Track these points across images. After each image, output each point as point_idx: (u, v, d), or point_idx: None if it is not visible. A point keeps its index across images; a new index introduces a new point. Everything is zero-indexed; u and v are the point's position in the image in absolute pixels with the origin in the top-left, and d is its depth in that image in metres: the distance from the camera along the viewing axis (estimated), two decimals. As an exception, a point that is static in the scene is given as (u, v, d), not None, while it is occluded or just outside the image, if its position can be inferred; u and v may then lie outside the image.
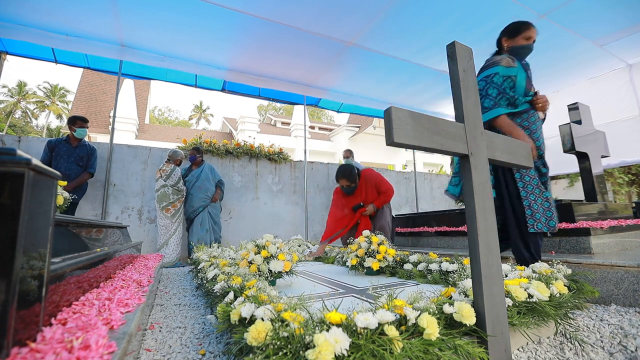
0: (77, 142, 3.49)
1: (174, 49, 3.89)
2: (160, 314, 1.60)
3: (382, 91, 5.20)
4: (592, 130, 3.18)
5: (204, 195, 4.09)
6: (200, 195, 4.07)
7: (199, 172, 4.18)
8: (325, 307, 0.85)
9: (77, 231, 1.41)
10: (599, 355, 1.02)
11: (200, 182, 4.11)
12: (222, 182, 4.38)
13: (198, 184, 4.09)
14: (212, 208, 4.17)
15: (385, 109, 0.81)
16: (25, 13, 3.16)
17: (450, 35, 3.56)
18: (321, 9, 3.20)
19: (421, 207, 6.75)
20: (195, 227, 4.01)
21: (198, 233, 3.99)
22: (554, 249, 2.31)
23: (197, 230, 4.00)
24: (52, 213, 0.66)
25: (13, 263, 0.52)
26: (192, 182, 4.11)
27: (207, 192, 4.13)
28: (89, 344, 0.59)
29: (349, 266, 2.30)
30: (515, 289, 1.10)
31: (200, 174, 4.17)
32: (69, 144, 3.44)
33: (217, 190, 4.28)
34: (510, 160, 1.12)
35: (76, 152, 3.46)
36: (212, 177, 4.27)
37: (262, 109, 37.86)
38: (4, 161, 0.53)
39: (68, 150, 3.42)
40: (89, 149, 3.57)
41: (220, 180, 4.37)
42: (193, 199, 4.04)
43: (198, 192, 4.07)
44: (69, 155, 3.41)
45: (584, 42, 3.84)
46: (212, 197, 4.18)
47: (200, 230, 4.00)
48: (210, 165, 4.36)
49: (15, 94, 28.70)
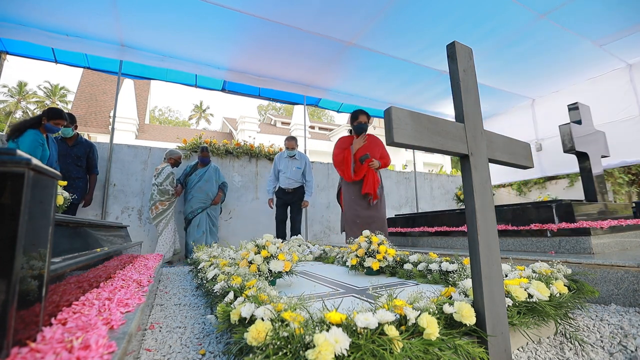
0: (73, 141, 3.28)
1: (174, 49, 3.89)
2: (160, 313, 1.60)
3: (382, 91, 5.20)
4: (592, 130, 3.18)
5: (204, 197, 4.02)
6: (201, 196, 4.01)
7: (203, 173, 4.09)
8: (325, 307, 0.85)
9: (77, 231, 1.41)
10: (599, 355, 1.02)
11: (202, 183, 4.04)
12: (225, 185, 4.32)
13: (200, 185, 4.03)
14: (211, 210, 4.12)
15: (385, 109, 0.81)
16: (25, 13, 3.16)
17: (450, 35, 3.56)
18: (321, 9, 3.20)
19: (421, 207, 6.75)
20: (192, 228, 3.94)
21: (194, 234, 3.91)
22: (554, 249, 2.31)
23: (193, 232, 3.93)
24: (52, 213, 0.66)
25: (13, 263, 0.52)
26: (194, 182, 4.04)
27: (208, 193, 4.06)
28: (89, 344, 0.59)
29: (349, 266, 2.30)
30: (515, 289, 1.10)
31: (204, 174, 4.09)
32: (64, 143, 3.23)
33: (219, 193, 4.19)
34: (511, 160, 1.12)
35: (73, 152, 3.26)
36: (216, 179, 4.19)
37: (262, 109, 37.85)
38: (4, 161, 0.53)
39: (64, 150, 3.18)
40: (86, 147, 3.36)
41: (224, 183, 4.32)
42: (193, 199, 3.98)
43: (198, 193, 4.00)
44: (66, 156, 3.19)
45: (584, 42, 3.84)
46: (214, 199, 4.10)
47: (196, 232, 3.92)
48: (216, 166, 4.28)
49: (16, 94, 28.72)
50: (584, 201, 2.77)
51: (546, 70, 4.55)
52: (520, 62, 4.26)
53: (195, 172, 4.11)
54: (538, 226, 2.43)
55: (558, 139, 3.13)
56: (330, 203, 5.81)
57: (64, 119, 2.79)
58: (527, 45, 3.84)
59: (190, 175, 4.10)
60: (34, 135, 2.58)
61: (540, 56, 4.14)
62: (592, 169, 2.97)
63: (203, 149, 4.17)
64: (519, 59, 4.17)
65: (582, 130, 3.06)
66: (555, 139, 5.20)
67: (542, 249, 2.39)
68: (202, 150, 4.16)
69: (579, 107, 3.16)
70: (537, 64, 4.38)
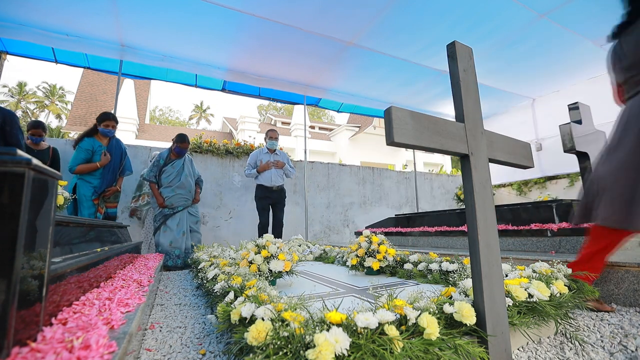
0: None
1: (174, 49, 3.89)
2: (160, 313, 1.60)
3: (382, 91, 5.20)
4: (592, 130, 3.17)
5: (186, 193, 3.55)
6: (183, 192, 3.53)
7: (181, 165, 3.56)
8: (325, 307, 0.85)
9: (77, 231, 1.41)
10: (599, 355, 1.02)
11: (184, 178, 3.54)
12: (201, 180, 3.86)
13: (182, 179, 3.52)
14: (192, 208, 3.66)
15: (386, 109, 0.81)
16: (25, 13, 3.16)
17: (450, 35, 3.55)
18: (321, 9, 3.19)
19: (421, 207, 6.75)
20: (171, 226, 3.43)
21: (172, 235, 3.39)
22: (554, 249, 2.31)
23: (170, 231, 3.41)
24: (52, 213, 0.66)
25: (13, 263, 0.52)
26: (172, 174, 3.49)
27: (190, 190, 3.59)
28: (90, 343, 0.59)
29: (349, 266, 2.30)
30: (515, 289, 1.10)
31: (183, 167, 3.56)
32: None
33: (197, 190, 3.75)
34: (511, 160, 1.12)
35: None
36: (193, 172, 3.71)
37: (262, 108, 37.85)
38: (4, 161, 0.53)
39: None
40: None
41: (200, 177, 3.85)
42: (174, 196, 3.45)
43: (181, 189, 3.51)
44: None
45: (584, 42, 3.84)
46: (194, 197, 3.67)
47: (176, 232, 3.42)
48: (189, 157, 3.79)
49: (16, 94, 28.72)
50: (584, 201, 2.77)
51: (546, 70, 4.55)
52: (520, 62, 4.26)
53: (172, 163, 3.52)
54: (538, 226, 2.43)
55: (558, 139, 3.12)
56: (330, 203, 5.82)
57: (111, 119, 3.10)
58: (527, 45, 3.84)
59: (165, 166, 3.51)
60: (85, 143, 2.99)
61: (540, 56, 4.14)
62: (593, 169, 2.97)
63: (185, 138, 3.54)
64: (519, 58, 4.17)
65: (583, 130, 3.05)
66: (555, 139, 5.20)
67: (543, 249, 2.39)
68: (183, 139, 3.52)
69: (579, 106, 3.15)
70: (537, 64, 4.38)
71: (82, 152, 2.96)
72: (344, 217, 5.93)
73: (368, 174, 6.40)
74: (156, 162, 3.51)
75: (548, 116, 5.46)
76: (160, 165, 3.50)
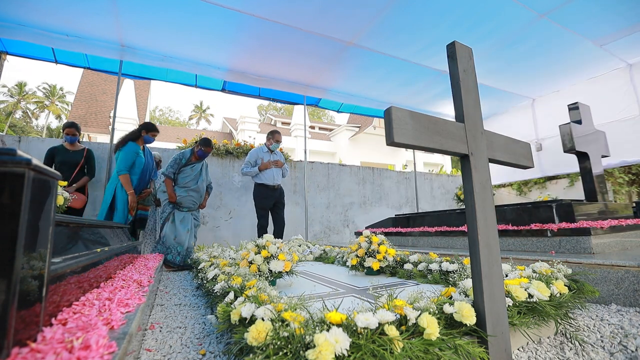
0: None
1: (174, 49, 3.89)
2: (160, 314, 1.60)
3: (382, 91, 5.20)
4: (592, 130, 3.18)
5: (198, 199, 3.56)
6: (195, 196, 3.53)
7: (200, 169, 3.57)
8: (325, 307, 0.85)
9: (77, 231, 1.41)
10: (599, 355, 1.02)
11: (201, 182, 3.56)
12: (211, 187, 3.86)
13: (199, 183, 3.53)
14: (195, 212, 3.65)
15: (386, 109, 0.81)
16: (25, 13, 3.16)
17: (450, 35, 3.55)
18: (321, 9, 3.20)
19: (421, 207, 6.75)
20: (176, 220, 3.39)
21: (179, 229, 3.35)
22: (554, 249, 2.31)
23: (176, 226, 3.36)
24: (52, 213, 0.66)
25: (13, 263, 0.52)
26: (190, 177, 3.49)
27: (201, 196, 3.60)
28: (89, 344, 0.59)
29: (349, 266, 2.30)
30: (515, 289, 1.10)
31: (201, 172, 3.58)
32: None
33: (206, 196, 3.74)
34: (511, 160, 1.12)
35: None
36: (207, 178, 3.72)
37: (262, 109, 37.85)
38: (4, 161, 0.53)
39: None
40: None
41: (211, 184, 3.84)
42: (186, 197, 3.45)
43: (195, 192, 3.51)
44: None
45: (584, 42, 3.84)
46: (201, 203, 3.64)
47: (181, 227, 3.37)
48: (206, 162, 3.79)
49: (15, 94, 28.73)
50: (584, 201, 2.77)
51: (546, 70, 4.55)
52: (520, 62, 4.26)
53: (192, 165, 3.52)
54: (538, 226, 2.43)
55: (558, 139, 3.13)
56: (330, 203, 5.82)
57: (157, 130, 3.40)
58: (527, 45, 3.84)
59: (185, 166, 3.49)
60: (131, 146, 3.20)
61: (540, 56, 4.14)
62: (593, 169, 2.97)
63: (210, 143, 3.53)
64: (519, 58, 4.17)
65: (582, 130, 3.06)
66: (555, 139, 5.20)
67: (542, 249, 2.39)
68: (208, 144, 3.50)
69: (579, 106, 3.16)
70: (537, 64, 4.38)
71: (131, 154, 3.17)
72: (344, 217, 5.93)
73: (368, 174, 6.40)
74: (178, 159, 3.48)
75: (548, 116, 5.46)
76: (181, 165, 3.48)
